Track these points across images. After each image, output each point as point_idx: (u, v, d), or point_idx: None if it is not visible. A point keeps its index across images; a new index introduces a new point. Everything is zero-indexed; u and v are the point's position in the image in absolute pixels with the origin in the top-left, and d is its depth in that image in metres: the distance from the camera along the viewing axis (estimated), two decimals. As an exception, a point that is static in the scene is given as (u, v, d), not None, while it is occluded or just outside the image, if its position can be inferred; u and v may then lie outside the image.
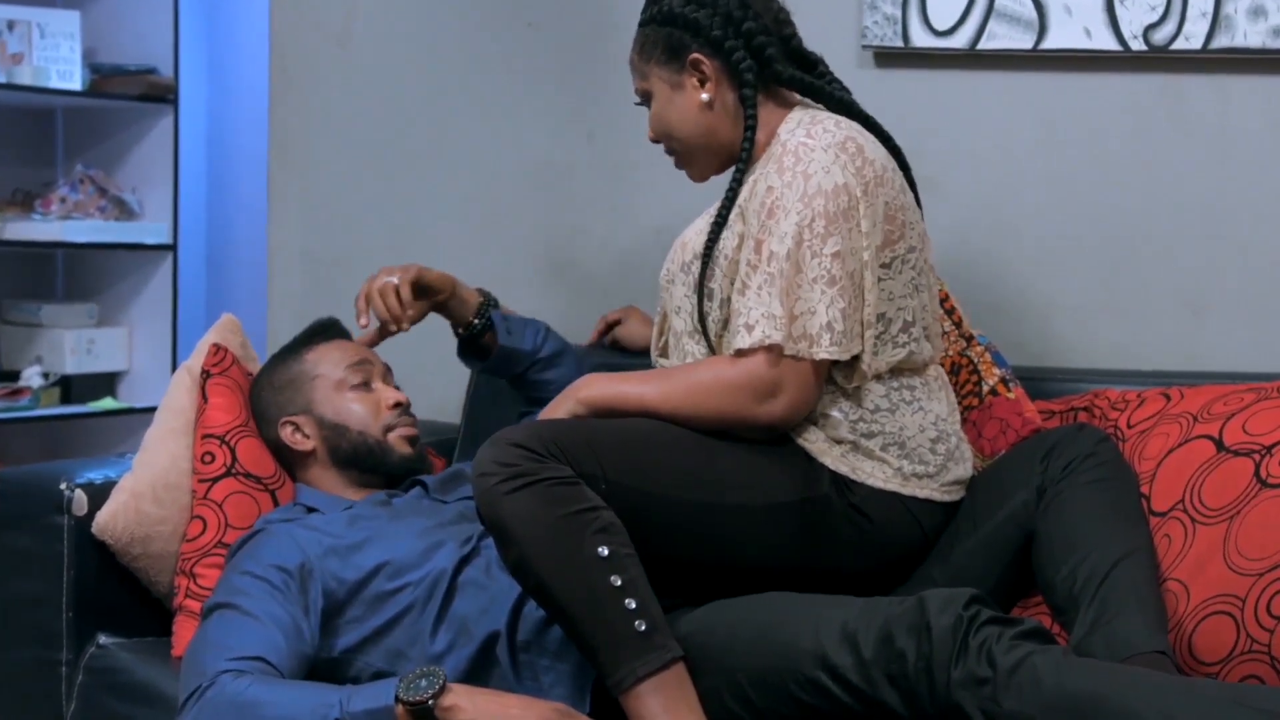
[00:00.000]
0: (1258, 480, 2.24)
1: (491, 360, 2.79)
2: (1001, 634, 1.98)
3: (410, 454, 2.66)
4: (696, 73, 2.39)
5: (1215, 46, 2.74)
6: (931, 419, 2.35)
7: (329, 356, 2.69)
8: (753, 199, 2.32)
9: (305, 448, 2.64)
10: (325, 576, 2.39)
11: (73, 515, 2.56)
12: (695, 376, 2.30)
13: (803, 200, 2.25)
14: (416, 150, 3.31)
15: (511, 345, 2.77)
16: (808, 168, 2.27)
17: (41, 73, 4.71)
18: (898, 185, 2.35)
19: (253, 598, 2.32)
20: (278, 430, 2.65)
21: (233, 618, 2.30)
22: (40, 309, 4.96)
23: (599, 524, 2.11)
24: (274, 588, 2.34)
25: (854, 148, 2.30)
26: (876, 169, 2.31)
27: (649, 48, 2.42)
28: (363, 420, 2.64)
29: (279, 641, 2.27)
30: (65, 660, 2.56)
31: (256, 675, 2.19)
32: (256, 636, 2.26)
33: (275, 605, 2.32)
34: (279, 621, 2.30)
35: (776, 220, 2.26)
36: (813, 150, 2.28)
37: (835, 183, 2.26)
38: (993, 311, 2.84)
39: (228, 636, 2.26)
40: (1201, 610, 2.19)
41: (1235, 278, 2.80)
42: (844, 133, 2.32)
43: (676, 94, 2.41)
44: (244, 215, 5.24)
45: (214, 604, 2.35)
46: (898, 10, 2.87)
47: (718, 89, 2.39)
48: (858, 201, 2.26)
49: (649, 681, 2.07)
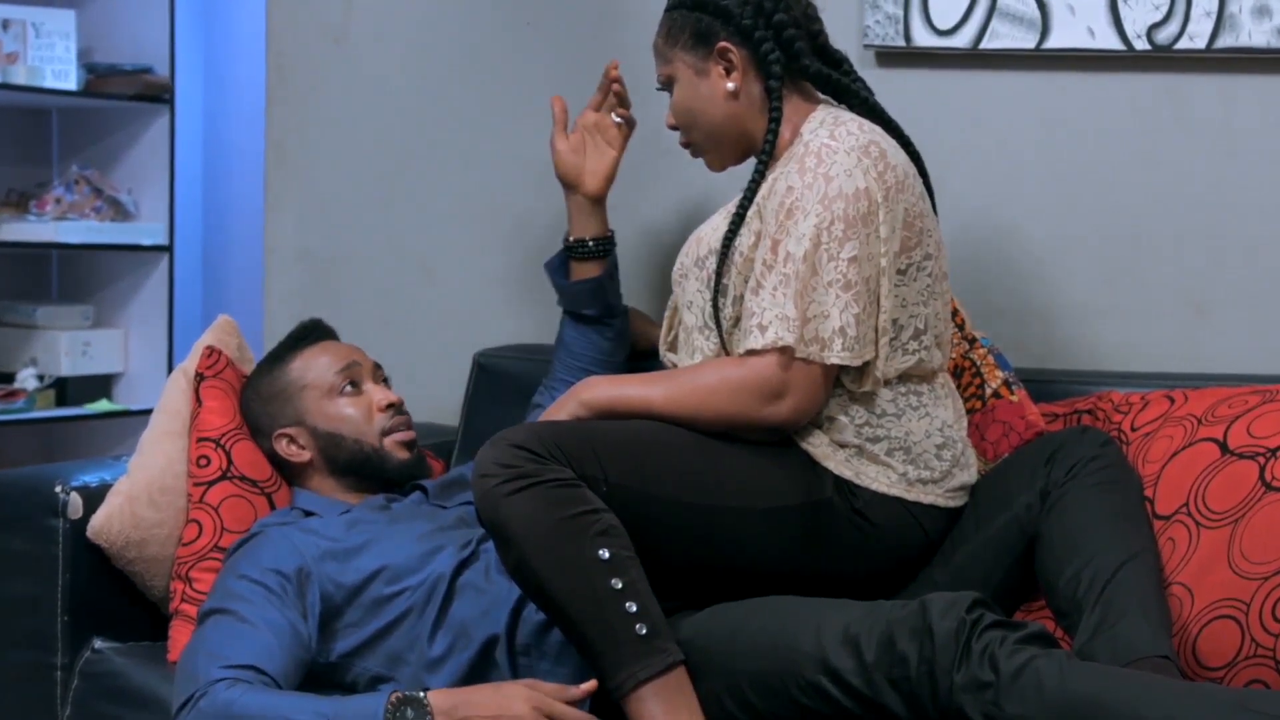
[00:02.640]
0: (1262, 483, 2.24)
1: (583, 283, 2.77)
2: (1004, 638, 1.98)
3: (408, 459, 2.65)
4: (723, 61, 2.38)
5: (1220, 46, 2.73)
6: (938, 425, 2.34)
7: (316, 362, 2.67)
8: (771, 197, 2.31)
9: (302, 459, 2.63)
10: (323, 580, 2.38)
11: (68, 518, 2.55)
12: (701, 377, 2.30)
13: (822, 202, 2.24)
14: (415, 149, 3.30)
15: (612, 286, 2.79)
16: (829, 170, 2.26)
17: (36, 72, 4.70)
18: (917, 192, 2.34)
19: (249, 603, 2.31)
20: (272, 443, 2.63)
21: (228, 623, 2.29)
22: (35, 310, 4.95)
23: (600, 526, 2.11)
24: (271, 592, 2.33)
25: (877, 152, 2.29)
26: (898, 174, 2.30)
27: (676, 32, 2.41)
28: (357, 426, 2.62)
29: (274, 648, 2.26)
30: (60, 664, 2.55)
31: (249, 685, 2.18)
32: (251, 644, 2.25)
33: (272, 610, 2.31)
34: (275, 627, 2.29)
35: (795, 221, 2.25)
36: (835, 152, 2.27)
37: (856, 186, 2.25)
38: (995, 313, 2.83)
39: (223, 643, 2.25)
40: (1206, 614, 2.18)
41: (1240, 279, 2.80)
42: (867, 136, 2.31)
43: (701, 81, 2.40)
44: (240, 216, 5.24)
45: (210, 609, 2.34)
46: (899, 9, 2.86)
47: (744, 79, 2.38)
48: (878, 207, 2.25)
49: (649, 685, 2.07)
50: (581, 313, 2.79)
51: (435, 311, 3.30)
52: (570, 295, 2.79)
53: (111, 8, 4.98)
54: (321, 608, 2.37)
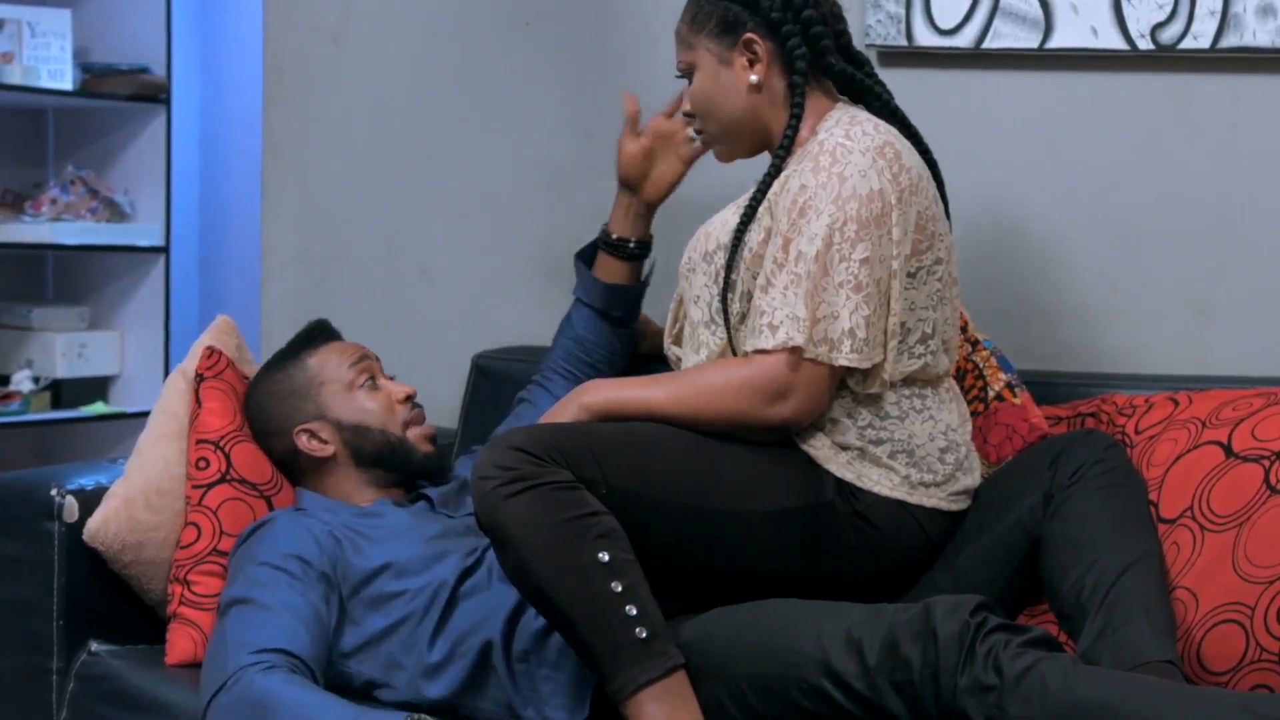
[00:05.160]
0: (1267, 487, 2.23)
1: (626, 288, 2.77)
2: (1008, 641, 1.97)
3: (432, 452, 2.66)
4: (748, 52, 2.37)
5: (1224, 46, 2.72)
6: (941, 428, 2.33)
7: (331, 359, 2.66)
8: (784, 195, 2.30)
9: (325, 454, 2.62)
10: (335, 567, 2.39)
11: (64, 521, 2.54)
12: (705, 377, 2.29)
13: (836, 202, 2.23)
14: (413, 150, 3.30)
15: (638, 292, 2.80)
16: (844, 170, 2.25)
17: (32, 72, 4.69)
18: (931, 195, 2.34)
19: (270, 589, 2.32)
20: (292, 439, 2.62)
21: (252, 612, 2.29)
22: (31, 312, 4.94)
23: (599, 529, 2.10)
24: (294, 577, 2.34)
25: (892, 153, 2.28)
26: (912, 177, 2.29)
27: (702, 19, 2.40)
28: (381, 418, 2.62)
29: (300, 631, 2.27)
30: (56, 668, 2.54)
31: (284, 673, 2.18)
32: (277, 628, 2.26)
33: (295, 595, 2.32)
34: (299, 611, 2.30)
35: (808, 220, 2.24)
36: (850, 152, 2.26)
37: (870, 187, 2.24)
38: (998, 315, 2.82)
39: (248, 631, 2.25)
40: (1210, 619, 2.18)
41: (1244, 280, 2.79)
42: (883, 137, 2.30)
43: (724, 71, 2.39)
44: (237, 216, 5.23)
45: (231, 599, 2.34)
46: (901, 9, 2.86)
47: (768, 72, 2.37)
48: (891, 208, 2.25)
49: (650, 689, 2.07)
50: (610, 313, 2.78)
51: (433, 313, 3.29)
52: (609, 296, 2.78)
53: (107, 7, 4.98)
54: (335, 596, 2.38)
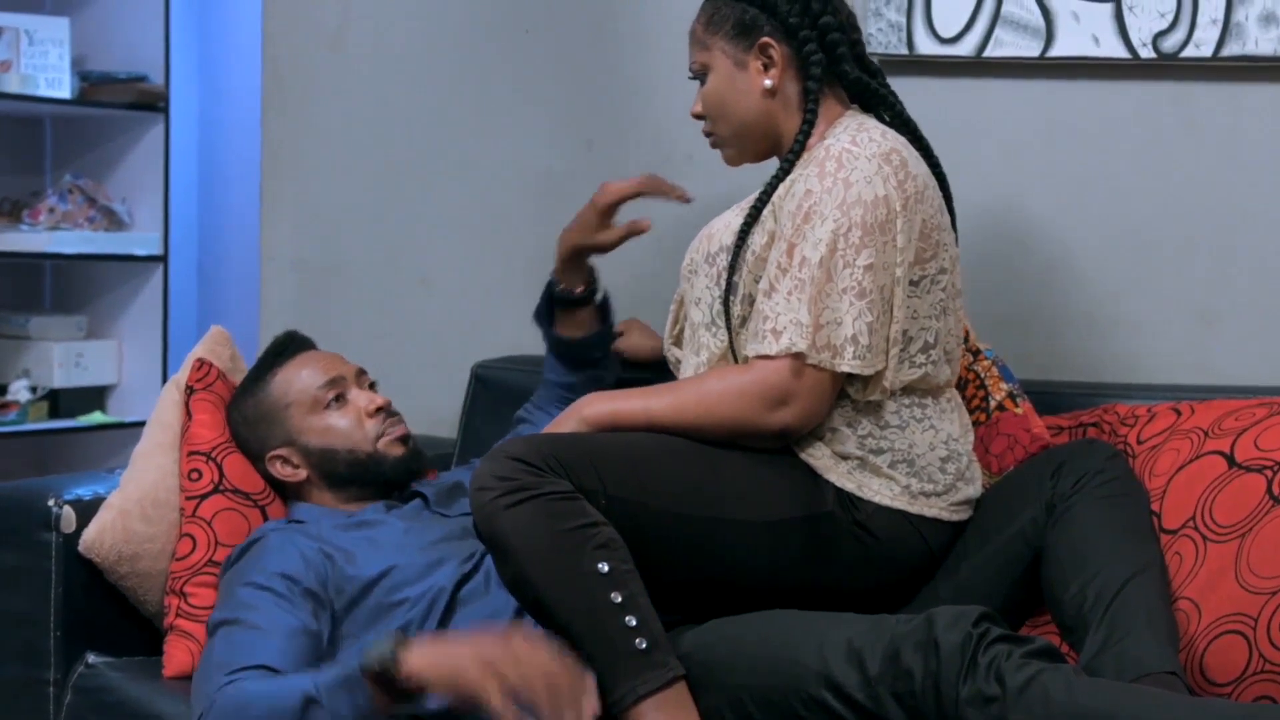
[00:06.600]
0: (1270, 497, 2.23)
1: (591, 337, 2.75)
2: (1011, 652, 1.97)
3: (404, 453, 2.62)
4: (764, 56, 2.37)
5: (1226, 54, 2.72)
6: (943, 438, 2.33)
7: (298, 377, 2.63)
8: (789, 199, 2.29)
9: (298, 478, 2.61)
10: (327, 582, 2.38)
11: (61, 532, 2.54)
12: (705, 384, 2.29)
13: (841, 208, 2.22)
14: (412, 158, 3.30)
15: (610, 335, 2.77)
16: (849, 175, 2.24)
17: (30, 80, 4.68)
18: (936, 204, 2.33)
19: (257, 610, 2.30)
20: (265, 465, 2.61)
21: (238, 633, 2.28)
22: (28, 321, 4.93)
23: (599, 539, 2.09)
24: (280, 596, 2.33)
25: (898, 160, 2.28)
26: (918, 184, 2.29)
27: (718, 20, 2.39)
28: (349, 437, 2.59)
29: (285, 649, 2.25)
30: (53, 680, 2.54)
31: (254, 677, 2.17)
32: (261, 648, 2.24)
33: (281, 614, 2.31)
34: (285, 630, 2.28)
35: (812, 225, 2.23)
36: (856, 158, 2.26)
37: (876, 194, 2.23)
38: (999, 324, 2.81)
39: (233, 653, 2.24)
40: (1213, 630, 2.17)
41: (1247, 289, 2.79)
42: (889, 144, 2.30)
43: (739, 73, 2.38)
44: (236, 225, 5.23)
45: (219, 620, 2.33)
46: (902, 17, 2.85)
47: (782, 77, 2.37)
48: (896, 215, 2.24)
49: (649, 700, 2.06)
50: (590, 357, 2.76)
51: (433, 322, 3.29)
52: (577, 349, 2.75)
53: (106, 15, 4.97)
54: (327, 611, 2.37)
